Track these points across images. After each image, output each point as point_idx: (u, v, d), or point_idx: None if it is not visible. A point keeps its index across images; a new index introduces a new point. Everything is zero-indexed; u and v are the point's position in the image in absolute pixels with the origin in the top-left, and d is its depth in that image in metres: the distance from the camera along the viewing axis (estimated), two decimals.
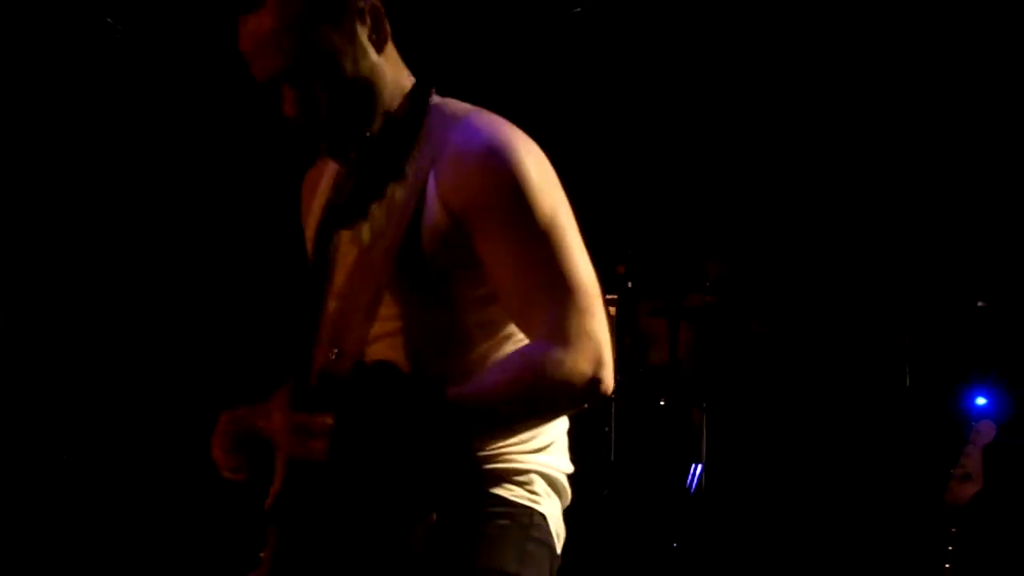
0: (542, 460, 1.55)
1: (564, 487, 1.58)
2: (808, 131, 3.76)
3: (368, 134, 1.56)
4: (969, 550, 2.67)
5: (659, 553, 3.37)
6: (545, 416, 1.51)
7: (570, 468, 1.60)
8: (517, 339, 1.51)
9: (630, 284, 3.49)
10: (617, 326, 3.51)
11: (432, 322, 1.52)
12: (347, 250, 1.57)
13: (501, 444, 1.52)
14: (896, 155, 3.65)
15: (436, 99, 1.58)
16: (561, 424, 1.60)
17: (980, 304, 3.17)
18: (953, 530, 2.67)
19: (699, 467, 3.43)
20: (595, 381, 1.45)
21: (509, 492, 1.53)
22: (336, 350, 1.46)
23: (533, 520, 1.53)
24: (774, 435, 3.62)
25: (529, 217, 1.48)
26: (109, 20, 3.29)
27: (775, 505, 3.54)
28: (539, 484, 1.55)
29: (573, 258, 1.49)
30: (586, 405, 1.48)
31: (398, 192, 1.52)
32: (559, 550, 1.58)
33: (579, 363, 1.45)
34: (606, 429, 3.33)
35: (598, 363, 1.47)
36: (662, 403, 3.49)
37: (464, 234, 1.48)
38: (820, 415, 3.60)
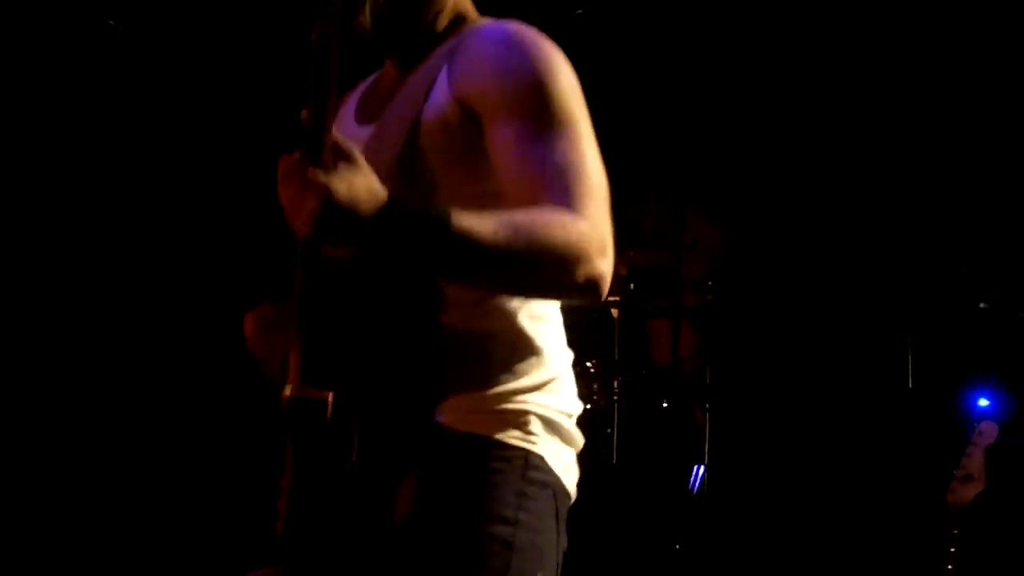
0: (539, 399, 1.51)
1: (565, 428, 1.53)
2: (810, 132, 3.76)
3: (411, 37, 1.56)
4: (971, 551, 2.67)
5: (662, 554, 3.37)
6: (537, 282, 1.41)
7: (575, 408, 1.55)
8: None
9: (632, 286, 3.49)
10: (620, 328, 3.51)
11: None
12: (365, 144, 1.54)
13: (494, 385, 1.48)
14: (898, 156, 3.65)
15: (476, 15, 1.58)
16: (561, 361, 1.56)
17: (982, 305, 3.17)
18: (955, 531, 2.67)
19: (701, 468, 3.44)
20: (595, 267, 1.39)
21: (504, 435, 1.48)
22: None
23: (530, 462, 1.49)
24: (777, 436, 3.62)
25: (546, 107, 1.44)
26: (111, 22, 3.29)
27: (778, 506, 3.54)
28: (535, 424, 1.50)
29: (588, 156, 1.44)
30: (578, 295, 1.41)
31: (412, 84, 1.51)
32: (570, 490, 1.54)
33: (585, 238, 1.38)
34: (608, 431, 3.33)
35: (602, 252, 1.41)
36: (664, 404, 3.49)
37: (470, 124, 1.45)
38: (823, 416, 3.60)
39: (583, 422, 1.58)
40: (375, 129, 1.56)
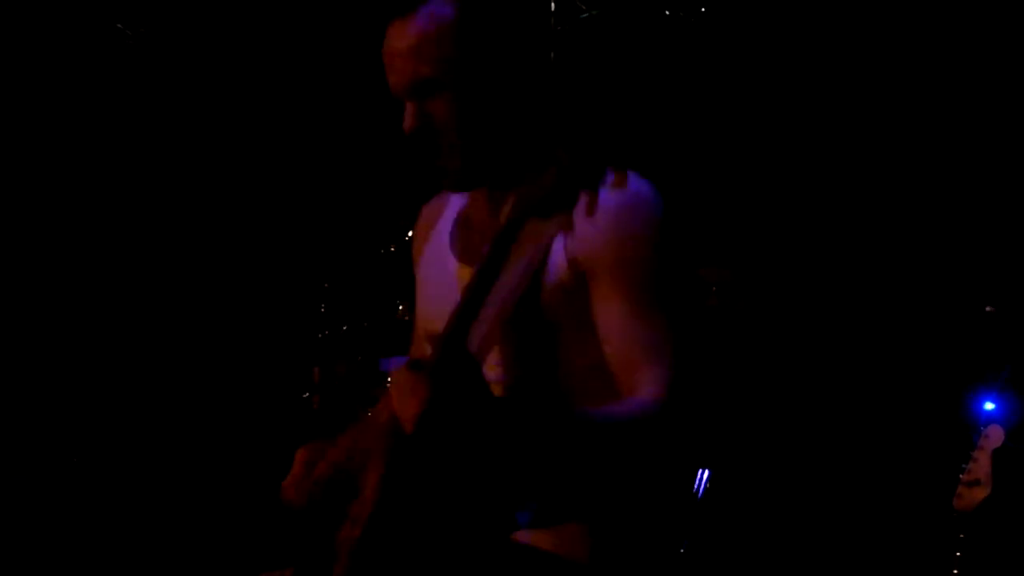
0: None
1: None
2: (811, 134, 3.76)
3: (498, 170, 1.53)
4: (977, 556, 2.67)
5: (666, 558, 3.36)
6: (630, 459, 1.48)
7: None
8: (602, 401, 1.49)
9: None
10: None
11: (533, 379, 1.51)
12: (459, 285, 1.54)
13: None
14: (903, 158, 3.64)
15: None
16: None
17: (988, 309, 3.16)
18: (961, 536, 2.66)
19: (705, 472, 3.43)
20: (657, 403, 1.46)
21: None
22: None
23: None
24: (781, 439, 3.61)
25: (649, 280, 1.47)
26: (119, 25, 3.29)
27: (782, 509, 3.54)
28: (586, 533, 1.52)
29: (677, 332, 1.48)
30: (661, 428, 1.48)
31: (526, 237, 1.48)
32: None
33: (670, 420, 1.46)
34: None
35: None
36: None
37: (584, 291, 1.45)
38: (827, 420, 3.59)
39: None
40: (468, 273, 1.52)
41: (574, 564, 1.52)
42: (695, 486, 3.68)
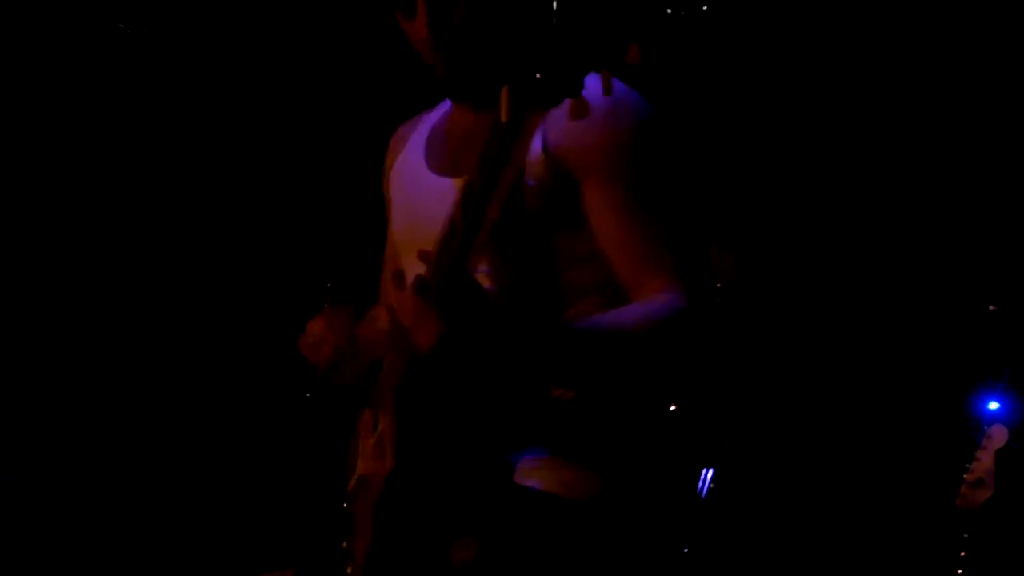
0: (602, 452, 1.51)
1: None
2: (816, 130, 3.75)
3: (482, 68, 1.50)
4: (981, 556, 2.66)
5: (670, 558, 3.36)
6: (652, 362, 1.43)
7: None
8: (607, 304, 1.46)
9: None
10: None
11: (525, 281, 1.48)
12: (441, 194, 1.49)
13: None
14: (905, 156, 3.64)
15: None
16: None
17: (991, 308, 3.16)
18: (965, 535, 2.66)
19: (709, 472, 3.43)
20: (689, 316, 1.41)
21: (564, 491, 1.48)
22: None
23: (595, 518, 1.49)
24: (785, 439, 3.61)
25: (643, 172, 1.44)
26: (121, 25, 3.29)
27: (786, 509, 3.53)
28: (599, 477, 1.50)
29: (682, 218, 1.46)
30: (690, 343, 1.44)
31: (504, 143, 1.43)
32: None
33: (696, 318, 1.41)
34: None
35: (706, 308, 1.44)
36: (672, 408, 3.48)
37: (569, 189, 1.42)
38: (831, 419, 3.59)
39: None
40: (451, 181, 1.51)
41: (582, 504, 1.49)
42: (699, 486, 3.68)
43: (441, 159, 1.58)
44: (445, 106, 1.64)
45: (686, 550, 3.45)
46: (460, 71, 1.49)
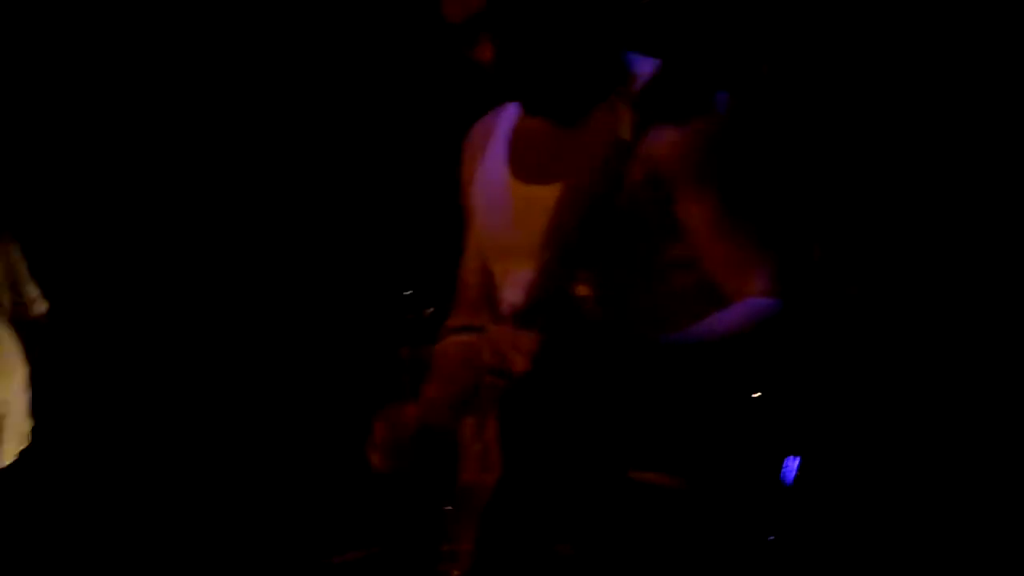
0: None
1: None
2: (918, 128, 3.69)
3: (559, 85, 1.51)
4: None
5: (755, 547, 3.32)
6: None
7: None
8: (705, 308, 1.46)
9: None
10: None
11: (623, 289, 1.53)
12: (535, 205, 1.54)
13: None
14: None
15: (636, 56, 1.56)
16: None
17: None
18: None
19: (795, 460, 3.38)
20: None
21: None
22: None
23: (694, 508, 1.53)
24: (876, 425, 3.55)
25: (736, 177, 1.50)
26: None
27: (876, 499, 3.48)
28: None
29: (776, 216, 1.50)
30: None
31: (589, 147, 1.51)
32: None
33: (793, 319, 1.47)
34: None
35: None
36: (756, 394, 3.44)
37: (662, 194, 1.44)
38: (926, 401, 3.52)
39: None
40: (546, 192, 1.55)
41: (671, 491, 1.53)
42: (783, 474, 3.64)
43: (526, 168, 1.63)
44: (516, 107, 1.64)
45: (771, 538, 3.42)
46: (535, 96, 1.52)
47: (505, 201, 1.64)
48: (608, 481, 1.50)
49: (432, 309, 3.32)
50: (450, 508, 1.61)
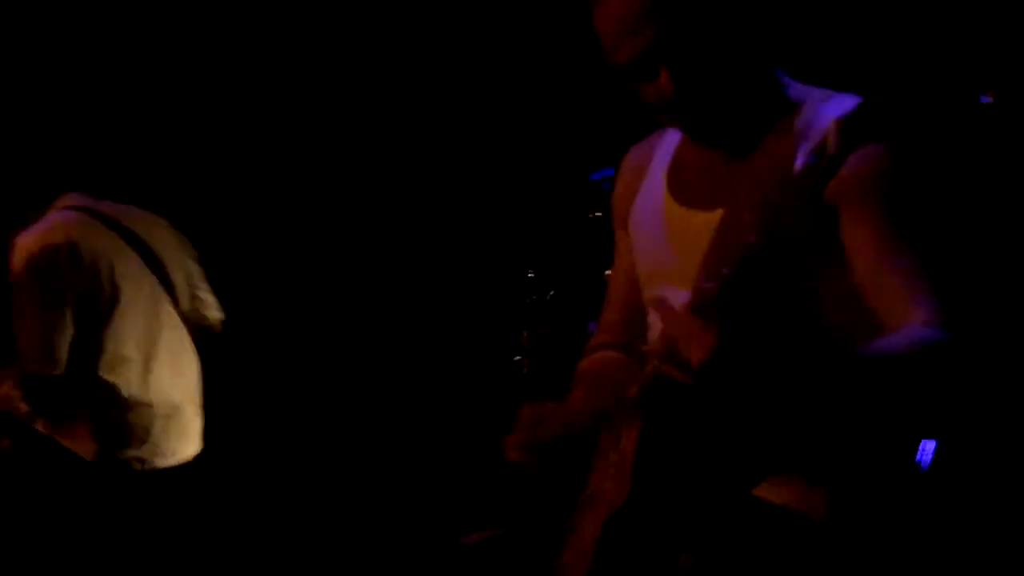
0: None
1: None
2: None
3: (731, 114, 1.53)
4: None
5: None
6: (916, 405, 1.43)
7: None
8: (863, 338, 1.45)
9: None
10: None
11: (786, 315, 1.48)
12: (696, 231, 1.53)
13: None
14: None
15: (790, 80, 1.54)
16: None
17: None
18: None
19: (932, 444, 3.28)
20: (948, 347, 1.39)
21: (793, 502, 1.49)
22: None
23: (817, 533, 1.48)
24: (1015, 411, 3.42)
25: (903, 202, 1.43)
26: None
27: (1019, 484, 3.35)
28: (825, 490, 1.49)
29: (944, 244, 1.44)
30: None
31: (760, 175, 1.47)
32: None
33: (958, 352, 1.40)
34: None
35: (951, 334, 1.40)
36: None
37: (829, 222, 1.41)
38: None
39: None
40: (707, 219, 1.52)
41: (810, 520, 1.46)
42: (918, 457, 3.53)
43: (687, 195, 1.60)
44: (677, 132, 1.63)
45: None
46: (708, 126, 1.50)
47: (664, 226, 1.62)
48: (738, 497, 1.46)
49: (553, 292, 3.33)
50: (576, 509, 1.59)
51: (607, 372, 1.69)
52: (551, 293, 3.31)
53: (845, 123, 1.31)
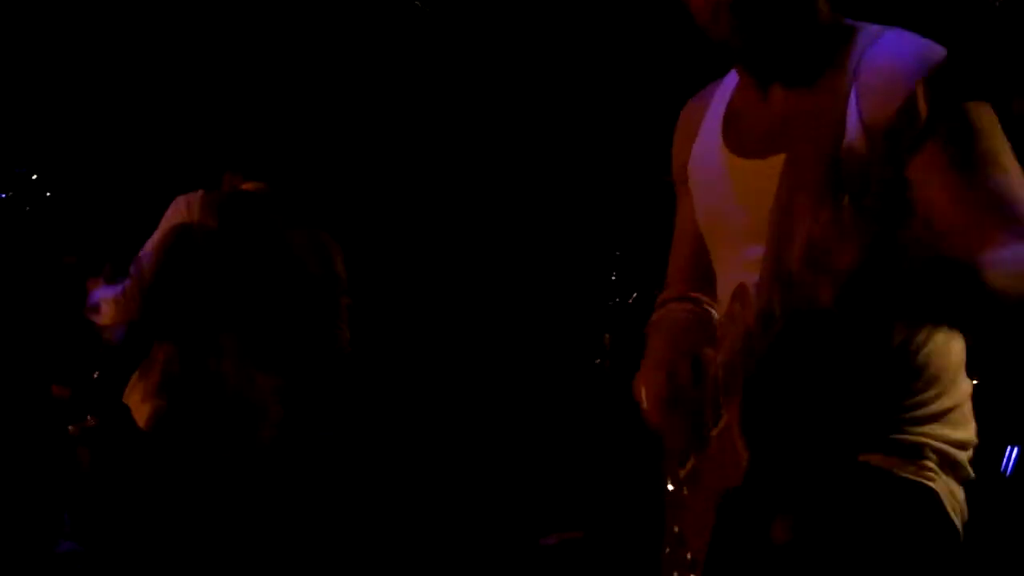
0: (938, 431, 1.46)
1: (961, 464, 1.48)
2: None
3: (790, 51, 1.48)
4: None
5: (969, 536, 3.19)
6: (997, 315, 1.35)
7: (973, 442, 1.50)
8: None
9: None
10: None
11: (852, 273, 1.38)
12: (758, 180, 1.49)
13: (891, 413, 1.44)
14: None
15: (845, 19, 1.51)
16: (962, 386, 1.51)
17: None
18: None
19: (1016, 449, 3.24)
20: None
21: (899, 470, 1.44)
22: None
23: (923, 502, 1.44)
24: None
25: (970, 128, 1.38)
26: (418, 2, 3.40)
27: None
28: (932, 460, 1.45)
29: (1014, 172, 1.38)
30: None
31: (816, 113, 1.43)
32: (960, 533, 1.49)
33: None
34: None
35: None
36: (975, 382, 3.30)
37: (888, 158, 1.36)
38: None
39: None
40: (769, 167, 1.48)
41: (917, 485, 1.45)
42: (1003, 464, 3.48)
43: (746, 142, 1.56)
44: (730, 83, 1.62)
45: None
46: (759, 41, 1.47)
47: (725, 177, 1.56)
48: (837, 466, 1.43)
49: (636, 294, 3.34)
50: (674, 489, 1.56)
51: (682, 324, 1.67)
52: (634, 296, 3.32)
53: (933, 82, 1.22)
